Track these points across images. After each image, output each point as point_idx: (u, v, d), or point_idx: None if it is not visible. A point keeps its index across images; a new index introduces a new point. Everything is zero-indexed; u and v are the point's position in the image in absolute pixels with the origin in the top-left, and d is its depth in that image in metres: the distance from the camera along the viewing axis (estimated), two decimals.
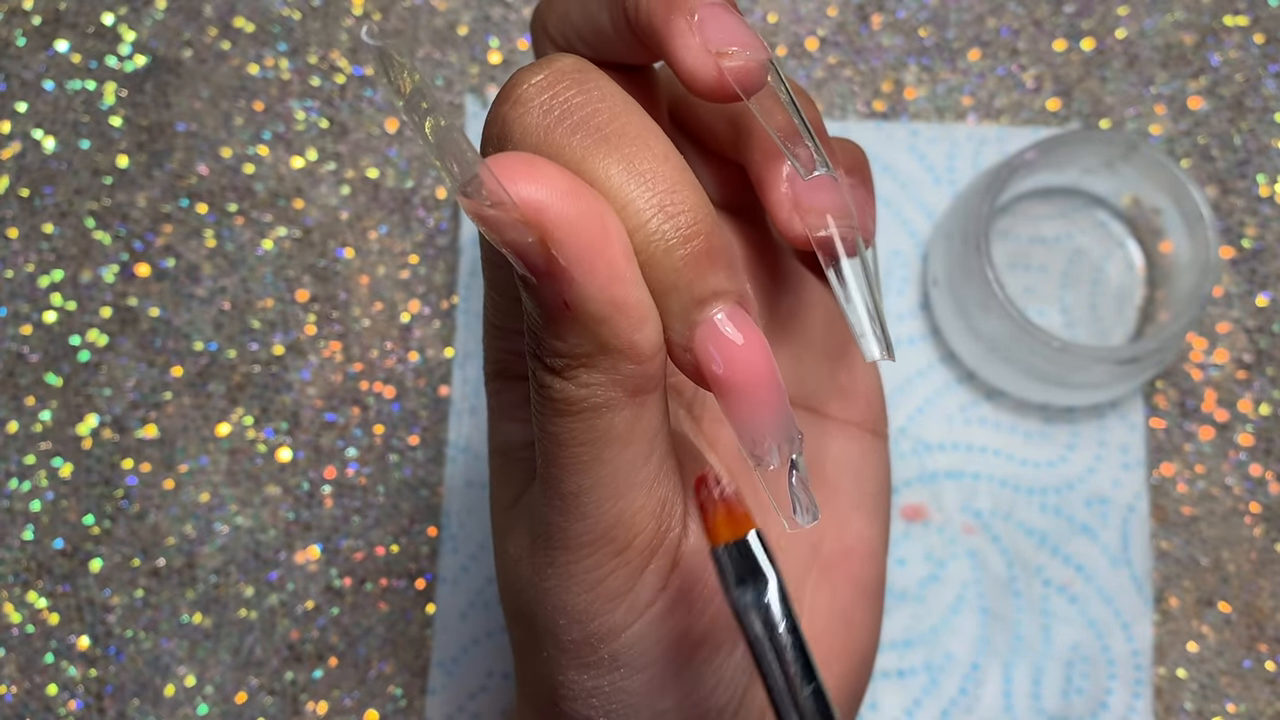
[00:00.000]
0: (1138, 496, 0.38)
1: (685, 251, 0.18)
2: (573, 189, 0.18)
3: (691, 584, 0.21)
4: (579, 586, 0.21)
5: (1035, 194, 0.40)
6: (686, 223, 0.18)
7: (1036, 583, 0.38)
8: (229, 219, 0.40)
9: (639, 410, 0.19)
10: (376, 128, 0.41)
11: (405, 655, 0.38)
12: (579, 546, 0.20)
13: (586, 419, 0.19)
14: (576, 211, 0.17)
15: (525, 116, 0.19)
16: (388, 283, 0.40)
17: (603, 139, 0.18)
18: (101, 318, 0.40)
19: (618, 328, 0.18)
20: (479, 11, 0.42)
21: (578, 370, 0.19)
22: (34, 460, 0.39)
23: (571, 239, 0.17)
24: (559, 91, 0.19)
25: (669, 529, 0.21)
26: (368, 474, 0.39)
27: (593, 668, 0.21)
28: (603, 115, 0.19)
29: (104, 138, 0.41)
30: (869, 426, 0.27)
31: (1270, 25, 0.42)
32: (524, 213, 0.17)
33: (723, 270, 0.19)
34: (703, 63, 0.20)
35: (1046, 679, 0.37)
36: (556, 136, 0.18)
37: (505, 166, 0.17)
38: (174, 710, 0.37)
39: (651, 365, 0.19)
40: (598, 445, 0.19)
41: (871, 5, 0.42)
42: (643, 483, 0.20)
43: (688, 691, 0.22)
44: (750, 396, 0.19)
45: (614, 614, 0.21)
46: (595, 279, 0.18)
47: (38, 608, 0.38)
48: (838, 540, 0.26)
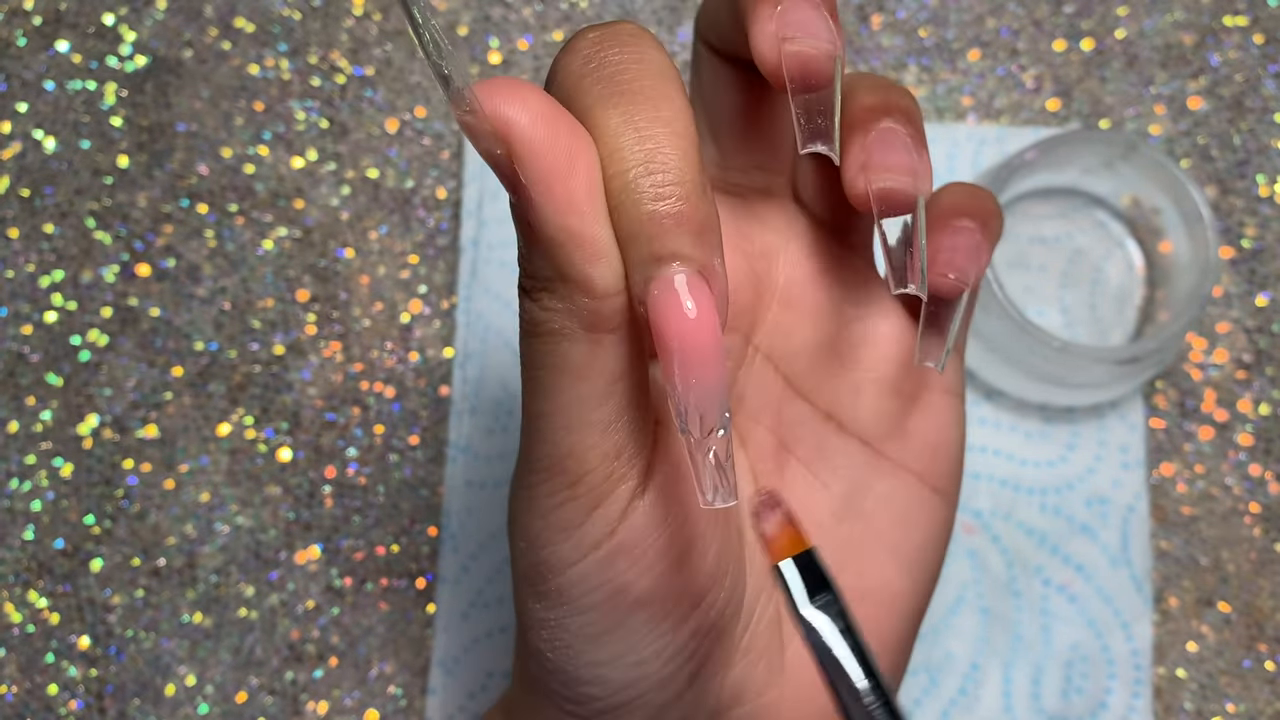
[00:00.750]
0: (1137, 496, 0.38)
1: (654, 207, 0.19)
2: (548, 116, 0.19)
3: (637, 541, 0.22)
4: (535, 511, 0.22)
5: (1035, 194, 0.40)
6: (664, 180, 0.19)
7: (1036, 582, 0.38)
8: (229, 219, 0.40)
9: (594, 347, 0.20)
10: (377, 128, 0.41)
11: (405, 655, 0.38)
12: (536, 470, 0.22)
13: (546, 343, 0.20)
14: (545, 136, 0.19)
15: (569, 63, 0.20)
16: (388, 283, 0.40)
17: (618, 91, 0.20)
18: (102, 318, 0.40)
19: (571, 256, 0.19)
20: (479, 12, 0.42)
21: (541, 293, 0.20)
22: (34, 460, 0.39)
23: (534, 160, 0.19)
24: (604, 48, 0.20)
25: (622, 478, 0.21)
26: (368, 474, 0.39)
27: (543, 598, 0.23)
28: (628, 74, 0.20)
29: (104, 138, 0.41)
30: (929, 480, 0.26)
31: (1270, 25, 0.42)
32: (494, 125, 0.18)
33: (689, 235, 0.19)
34: (769, 46, 0.21)
35: (1046, 679, 0.37)
36: (584, 83, 0.20)
37: (493, 84, 0.19)
38: (174, 710, 0.37)
39: (606, 304, 0.20)
40: (554, 371, 0.21)
41: (871, 5, 0.42)
42: (597, 423, 0.21)
43: (623, 650, 0.23)
44: (687, 362, 0.19)
45: (561, 545, 0.22)
46: (552, 203, 0.19)
47: (38, 607, 0.38)
48: (856, 577, 0.26)
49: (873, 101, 0.23)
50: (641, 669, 0.23)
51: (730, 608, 0.24)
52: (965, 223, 0.24)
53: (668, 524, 0.22)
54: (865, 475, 0.26)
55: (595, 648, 0.23)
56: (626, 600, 0.22)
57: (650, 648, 0.23)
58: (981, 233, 0.24)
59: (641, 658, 0.23)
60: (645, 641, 0.23)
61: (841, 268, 0.26)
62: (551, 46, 0.42)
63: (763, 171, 0.25)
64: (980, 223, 0.24)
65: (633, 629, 0.23)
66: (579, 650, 0.23)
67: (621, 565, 0.22)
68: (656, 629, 0.23)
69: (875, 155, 0.22)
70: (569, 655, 0.23)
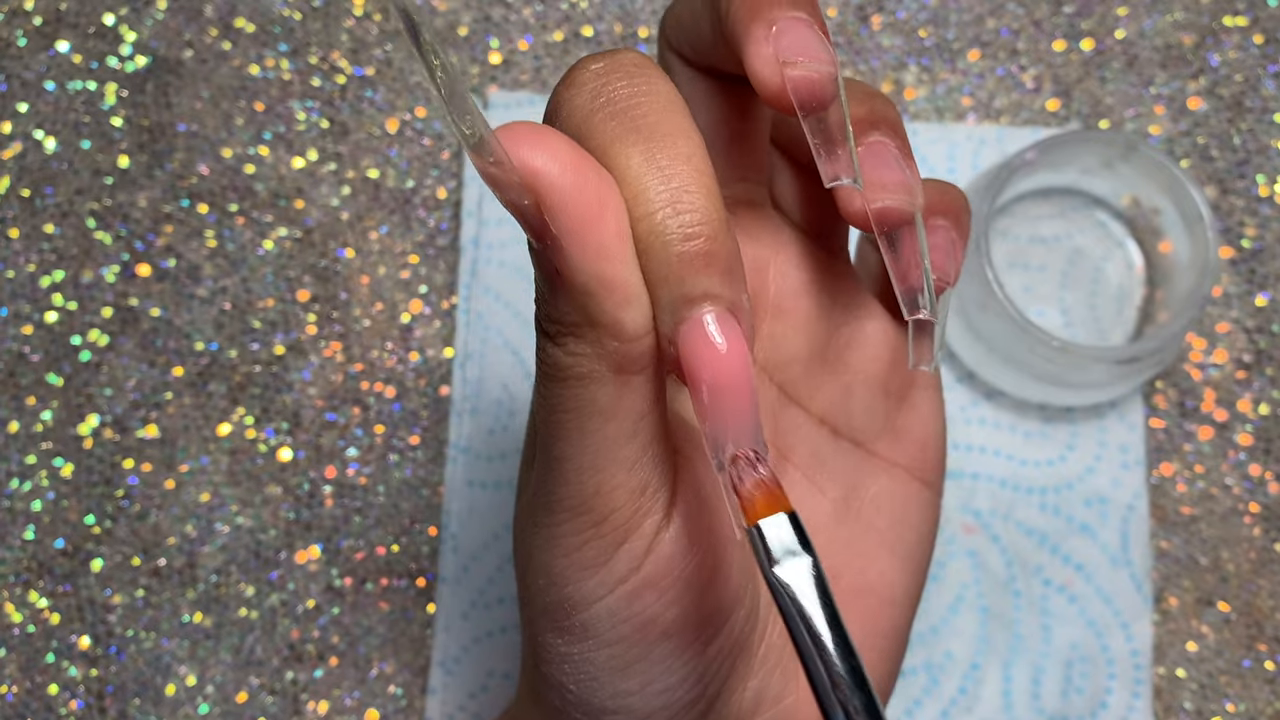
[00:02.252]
0: (1137, 496, 0.38)
1: (683, 248, 0.19)
2: (576, 163, 0.19)
3: (664, 573, 0.22)
4: (558, 550, 0.22)
5: (1035, 194, 0.40)
6: (691, 221, 0.19)
7: (1036, 582, 0.38)
8: (230, 219, 0.40)
9: (622, 389, 0.20)
10: (377, 128, 0.41)
11: (406, 655, 0.38)
12: (560, 510, 0.21)
13: (572, 387, 0.20)
14: (574, 184, 0.18)
15: (575, 98, 0.20)
16: (388, 283, 0.40)
17: (634, 129, 0.19)
18: (102, 318, 0.40)
19: (602, 302, 0.19)
20: (479, 12, 0.42)
21: (567, 338, 0.20)
22: (35, 460, 0.39)
23: (564, 209, 0.18)
24: (610, 80, 0.20)
25: (648, 513, 0.21)
26: (368, 474, 0.39)
27: (566, 633, 0.22)
28: (641, 108, 0.19)
29: (105, 138, 0.41)
30: (919, 474, 0.26)
31: (1269, 25, 0.42)
32: (522, 176, 0.18)
33: (718, 275, 0.19)
34: (770, 70, 0.21)
35: (1046, 678, 0.37)
36: (596, 120, 0.19)
37: (515, 132, 0.18)
38: (175, 710, 0.37)
39: (635, 346, 0.20)
40: (582, 415, 0.20)
41: (871, 6, 0.42)
42: (624, 461, 0.21)
43: (651, 679, 0.22)
44: (720, 400, 0.19)
45: (587, 583, 0.22)
46: (584, 251, 0.19)
47: (39, 607, 0.38)
48: (857, 575, 0.26)
49: (858, 114, 0.23)
50: (668, 695, 0.23)
51: (749, 623, 0.24)
52: (939, 221, 0.24)
53: (693, 553, 0.22)
54: (859, 476, 0.26)
55: (622, 679, 0.22)
56: (654, 632, 0.22)
57: (677, 674, 0.23)
58: (955, 230, 0.24)
59: (668, 685, 0.23)
60: (672, 669, 0.23)
61: (826, 273, 0.26)
62: (552, 47, 0.42)
63: (744, 183, 0.25)
64: (953, 219, 0.24)
65: (660, 658, 0.22)
66: (604, 682, 0.23)
67: (649, 598, 0.22)
68: (683, 655, 0.23)
69: (869, 173, 0.22)
70: (594, 688, 0.23)
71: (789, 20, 0.21)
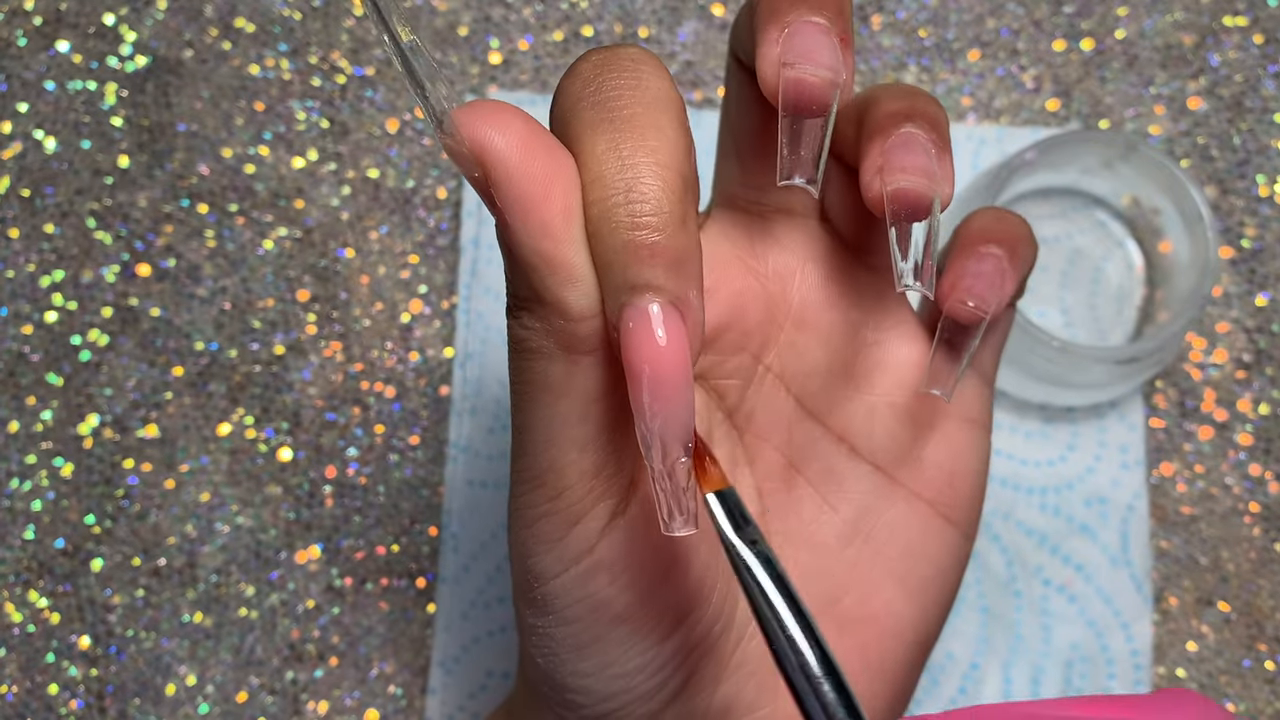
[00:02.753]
0: (1137, 496, 0.38)
1: (630, 236, 0.19)
2: (526, 140, 0.19)
3: (617, 558, 0.22)
4: (521, 521, 0.22)
5: (1035, 194, 0.40)
6: (641, 210, 0.19)
7: (1036, 582, 0.38)
8: (230, 219, 0.40)
9: (572, 368, 0.20)
10: (377, 128, 0.41)
11: (406, 655, 0.38)
12: (520, 481, 0.22)
13: (526, 360, 0.21)
14: (521, 160, 0.19)
15: (570, 87, 0.20)
16: (388, 283, 0.40)
17: (609, 119, 0.20)
18: (102, 317, 0.40)
19: (545, 279, 0.19)
20: (479, 12, 0.42)
21: (522, 312, 0.20)
22: (35, 460, 0.39)
23: (509, 184, 0.19)
24: (604, 72, 0.20)
25: (601, 496, 0.22)
26: (368, 474, 0.39)
27: (532, 605, 0.23)
28: (622, 100, 0.20)
29: (105, 138, 0.41)
30: (941, 509, 0.26)
31: (1269, 25, 0.42)
32: (471, 149, 0.19)
33: (663, 266, 0.19)
34: (770, 71, 0.21)
35: (1046, 678, 0.37)
36: (579, 106, 0.20)
37: (473, 108, 0.19)
38: (175, 710, 0.37)
39: (581, 327, 0.20)
40: (534, 388, 0.21)
41: (871, 6, 0.42)
42: (576, 440, 0.21)
43: (607, 662, 0.23)
44: (654, 391, 0.19)
45: (545, 557, 0.22)
46: (526, 227, 0.19)
47: (39, 607, 0.38)
48: (859, 603, 0.25)
49: (896, 107, 0.23)
50: (625, 681, 0.23)
51: (720, 624, 0.24)
52: (992, 249, 0.24)
53: (648, 543, 0.22)
54: (876, 500, 0.26)
55: (579, 658, 0.23)
56: (607, 615, 0.22)
57: (633, 661, 0.23)
58: (1008, 260, 0.24)
59: (625, 670, 0.23)
60: (628, 655, 0.23)
61: (862, 290, 0.25)
62: (552, 47, 0.42)
63: (788, 191, 0.25)
64: (1008, 249, 0.24)
65: (615, 642, 0.23)
66: (564, 659, 0.23)
67: (602, 580, 0.22)
68: (639, 644, 0.23)
69: (893, 157, 0.22)
70: (556, 663, 0.23)
71: (801, 24, 0.21)
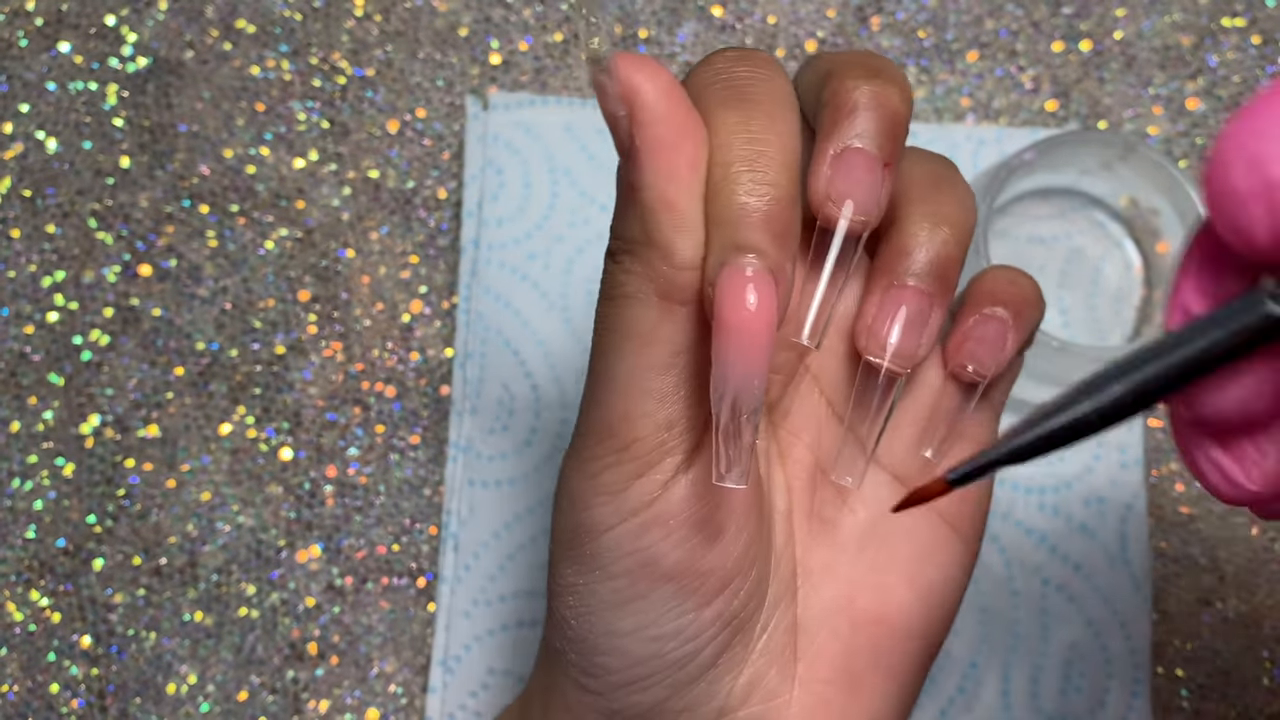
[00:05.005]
0: (1136, 496, 0.38)
1: (746, 200, 0.21)
2: (670, 93, 0.21)
3: (674, 513, 0.23)
4: (582, 472, 0.23)
5: (1033, 195, 0.40)
6: (762, 180, 0.21)
7: (1035, 582, 0.38)
8: (231, 219, 0.40)
9: (663, 315, 0.21)
10: (377, 129, 0.41)
11: (406, 654, 0.38)
12: (589, 432, 0.23)
13: (620, 305, 0.22)
14: (665, 108, 0.21)
15: (703, 73, 0.22)
16: (389, 283, 0.40)
17: (738, 97, 0.21)
18: (104, 318, 0.40)
19: (660, 221, 0.21)
20: (479, 13, 0.42)
21: (624, 255, 0.22)
22: (36, 459, 0.39)
23: (648, 125, 0.20)
24: (737, 64, 0.22)
25: (670, 451, 0.23)
26: (369, 473, 0.39)
27: (575, 561, 0.24)
28: (754, 87, 0.22)
29: (106, 138, 0.41)
30: (951, 521, 0.27)
31: (1267, 26, 0.42)
32: (623, 88, 0.20)
33: (771, 235, 0.21)
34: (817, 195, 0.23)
35: (1045, 678, 0.37)
36: (712, 88, 0.22)
37: (631, 55, 0.21)
38: (176, 709, 0.37)
39: (681, 275, 0.21)
40: (622, 335, 0.22)
41: (870, 7, 0.42)
42: (654, 391, 0.22)
43: (646, 622, 0.23)
44: (736, 346, 0.20)
45: (602, 509, 0.23)
46: (655, 167, 0.21)
47: (40, 606, 0.38)
48: (874, 603, 0.26)
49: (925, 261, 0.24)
50: (659, 645, 0.24)
51: (753, 603, 0.25)
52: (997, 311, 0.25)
53: (707, 502, 0.23)
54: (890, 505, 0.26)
55: (618, 615, 0.23)
56: (656, 571, 0.23)
57: (671, 624, 0.23)
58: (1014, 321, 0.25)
59: (661, 633, 0.23)
60: (667, 617, 0.23)
61: None
62: (552, 47, 0.42)
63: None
64: (1014, 310, 0.25)
65: (657, 601, 0.23)
66: (602, 616, 0.24)
67: (656, 534, 0.23)
68: (680, 606, 0.23)
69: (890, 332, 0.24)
70: (592, 621, 0.24)
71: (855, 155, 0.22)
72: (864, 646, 0.26)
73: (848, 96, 0.23)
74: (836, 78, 0.23)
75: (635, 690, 0.24)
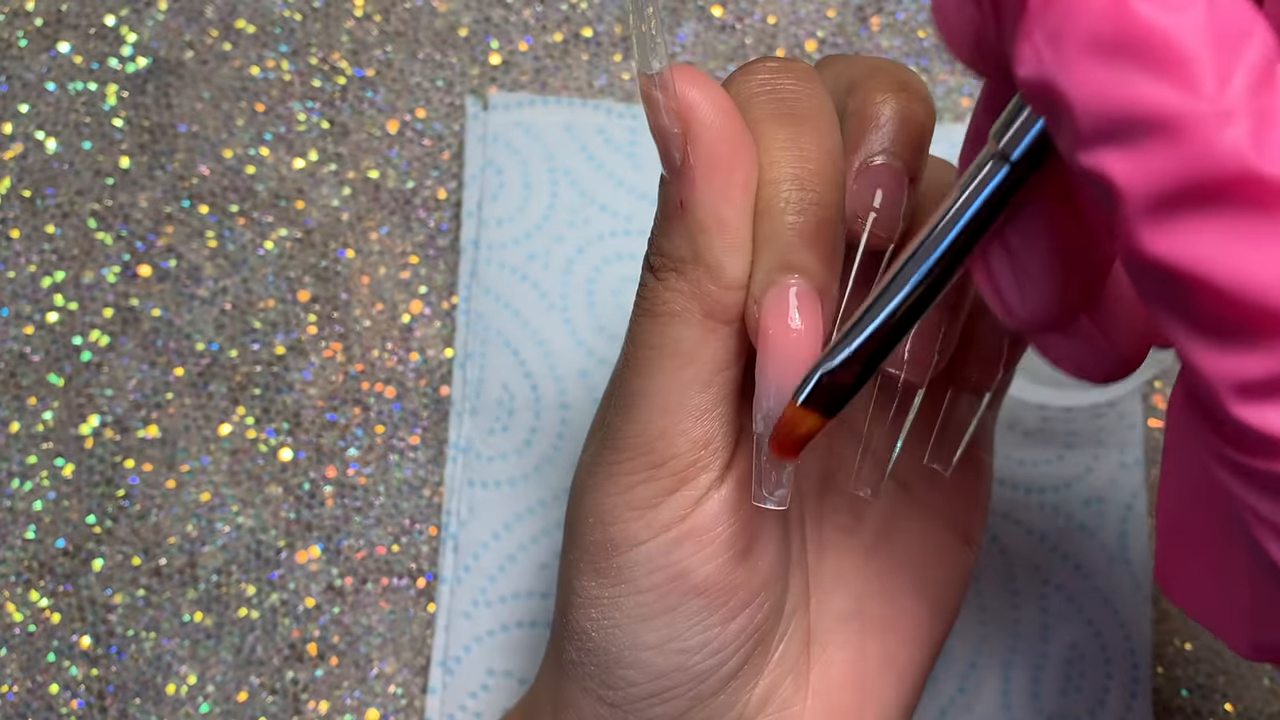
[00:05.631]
0: (1136, 496, 0.38)
1: (796, 219, 0.21)
2: (727, 110, 0.21)
3: (706, 528, 0.23)
4: (613, 487, 0.23)
5: None
6: (810, 200, 0.21)
7: (1035, 581, 0.38)
8: (230, 220, 0.40)
9: (707, 335, 0.21)
10: (377, 129, 0.41)
11: (406, 654, 0.38)
12: (624, 448, 0.23)
13: (662, 323, 0.22)
14: (722, 125, 0.20)
15: (745, 83, 0.22)
16: (389, 283, 0.40)
17: (787, 113, 0.21)
18: (103, 318, 0.40)
19: (712, 240, 0.21)
20: (479, 13, 0.42)
21: (669, 273, 0.21)
22: (36, 460, 0.39)
23: (705, 143, 0.20)
24: (779, 76, 0.22)
25: (705, 467, 0.22)
26: (369, 474, 0.39)
27: (601, 575, 0.23)
28: (798, 100, 0.22)
29: (106, 139, 0.41)
30: (955, 526, 0.27)
31: None
32: (680, 104, 0.20)
33: (819, 255, 0.21)
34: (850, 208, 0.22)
35: (1045, 678, 0.37)
36: (758, 99, 0.22)
37: (687, 70, 0.20)
38: (176, 709, 0.37)
39: (728, 295, 0.21)
40: (663, 352, 0.22)
41: (870, 6, 0.42)
42: (694, 409, 0.22)
43: (672, 636, 0.23)
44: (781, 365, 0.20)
45: (633, 524, 0.23)
46: (709, 186, 0.20)
47: (39, 607, 0.38)
48: (883, 609, 0.27)
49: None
50: (685, 658, 0.24)
51: (774, 616, 0.25)
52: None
53: (738, 518, 0.23)
54: (898, 515, 0.27)
55: (645, 629, 0.23)
56: (685, 585, 0.23)
57: (698, 637, 0.23)
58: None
59: (687, 645, 0.23)
60: (694, 630, 0.23)
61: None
62: (551, 48, 0.42)
63: None
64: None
65: (685, 615, 0.23)
66: (628, 630, 0.23)
67: (688, 549, 0.23)
68: (708, 619, 0.23)
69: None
70: (614, 636, 0.24)
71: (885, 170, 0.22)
72: (874, 652, 0.26)
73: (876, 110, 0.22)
74: (864, 89, 0.23)
75: (657, 703, 0.24)
